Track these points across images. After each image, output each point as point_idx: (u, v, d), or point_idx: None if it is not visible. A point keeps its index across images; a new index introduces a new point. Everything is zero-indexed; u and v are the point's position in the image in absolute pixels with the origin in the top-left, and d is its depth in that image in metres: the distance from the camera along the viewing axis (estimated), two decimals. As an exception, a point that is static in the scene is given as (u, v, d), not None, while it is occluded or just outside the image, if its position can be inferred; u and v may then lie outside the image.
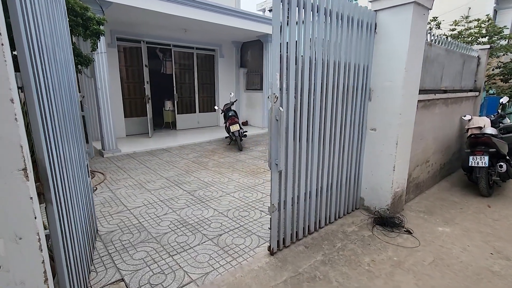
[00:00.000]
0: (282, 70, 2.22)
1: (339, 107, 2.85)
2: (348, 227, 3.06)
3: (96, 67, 5.50)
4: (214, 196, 3.87)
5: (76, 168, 2.12)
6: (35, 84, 1.28)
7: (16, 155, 0.92)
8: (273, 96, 2.19)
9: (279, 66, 2.19)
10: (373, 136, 3.22)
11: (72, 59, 2.49)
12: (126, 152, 6.15)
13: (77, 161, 2.19)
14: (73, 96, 2.37)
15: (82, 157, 2.49)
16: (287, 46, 2.24)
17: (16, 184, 0.94)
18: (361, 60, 2.96)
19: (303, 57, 2.38)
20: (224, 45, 9.50)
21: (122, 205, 3.55)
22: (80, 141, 2.47)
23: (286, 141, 2.37)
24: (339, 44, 2.67)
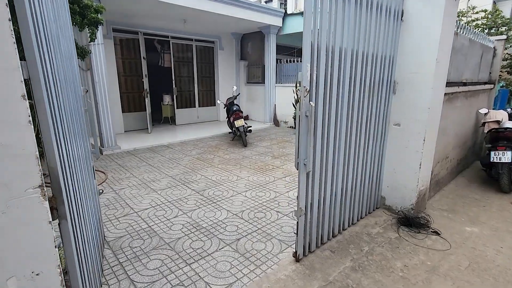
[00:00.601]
0: (313, 60, 2.00)
1: (365, 101, 2.65)
2: (372, 228, 2.89)
3: (93, 59, 5.18)
4: (225, 195, 3.66)
5: (84, 172, 1.89)
6: (43, 75, 1.04)
7: (30, 168, 0.70)
8: (304, 90, 1.97)
9: (309, 57, 1.97)
10: (397, 132, 3.04)
11: (74, 49, 2.23)
12: (126, 149, 5.87)
13: (84, 164, 1.96)
14: (77, 90, 2.12)
15: (88, 158, 2.25)
16: (318, 34, 2.01)
17: (31, 206, 0.73)
18: (387, 51, 2.75)
19: (333, 47, 2.16)
20: (224, 37, 9.19)
21: (128, 207, 3.32)
22: (85, 141, 2.23)
23: (315, 139, 2.17)
24: (368, 33, 2.46)
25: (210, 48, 9.20)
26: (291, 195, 3.67)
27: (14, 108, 0.68)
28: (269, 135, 7.52)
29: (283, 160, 5.21)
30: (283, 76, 8.69)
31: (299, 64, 8.08)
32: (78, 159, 1.71)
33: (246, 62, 9.64)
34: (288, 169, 4.71)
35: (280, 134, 7.62)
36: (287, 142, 6.72)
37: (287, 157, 5.41)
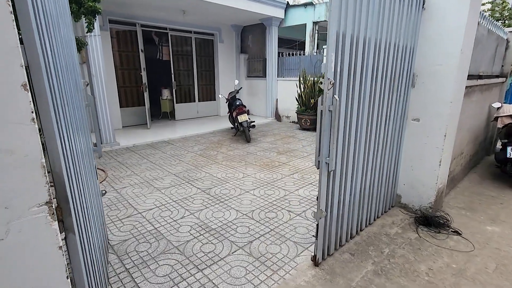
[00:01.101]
0: (337, 50, 1.83)
1: (386, 95, 2.50)
2: (390, 228, 2.76)
3: (90, 51, 4.94)
4: (232, 194, 3.50)
5: (87, 174, 1.71)
6: (44, 61, 0.86)
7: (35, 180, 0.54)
8: (328, 82, 1.80)
9: (335, 46, 1.80)
10: (415, 127, 2.89)
11: (73, 38, 2.03)
12: (125, 145, 5.67)
13: (87, 165, 1.78)
14: (78, 82, 1.93)
15: (90, 157, 2.07)
16: (344, 23, 1.83)
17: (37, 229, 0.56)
18: (407, 41, 2.59)
19: (357, 36, 1.99)
20: (224, 29, 8.93)
21: (131, 208, 3.14)
22: (87, 139, 2.04)
23: (337, 135, 2.01)
24: (390, 22, 2.29)
25: (209, 40, 8.94)
26: (301, 193, 3.53)
27: (12, 102, 0.51)
28: (272, 130, 7.35)
29: (289, 156, 5.06)
30: (285, 70, 8.49)
31: (302, 58, 7.89)
32: (82, 159, 1.54)
33: (247, 55, 9.41)
34: (295, 166, 4.56)
35: (283, 129, 7.46)
36: (291, 137, 6.56)
37: (292, 153, 5.26)
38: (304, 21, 8.02)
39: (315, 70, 7.48)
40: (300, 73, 7.54)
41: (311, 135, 6.80)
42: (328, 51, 1.77)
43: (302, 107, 7.25)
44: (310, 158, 4.98)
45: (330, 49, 1.77)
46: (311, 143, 6.03)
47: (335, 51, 1.81)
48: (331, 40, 1.76)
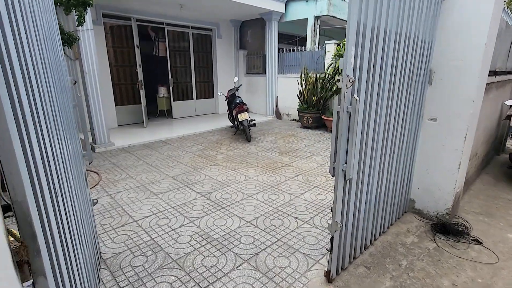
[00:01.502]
0: (357, 44, 1.61)
1: (403, 93, 2.29)
2: (405, 237, 2.57)
3: (82, 47, 4.68)
4: (234, 199, 3.29)
5: (74, 183, 1.49)
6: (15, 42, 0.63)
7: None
8: (347, 80, 1.59)
9: (355, 39, 1.58)
10: (432, 128, 2.69)
11: (57, 30, 1.79)
12: (121, 145, 5.43)
13: (74, 172, 1.56)
14: (64, 80, 1.70)
15: (79, 164, 1.85)
16: (366, 12, 1.61)
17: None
18: (426, 33, 2.37)
19: (378, 28, 1.77)
20: (222, 24, 8.66)
21: (126, 215, 2.92)
22: (75, 143, 1.82)
23: (356, 139, 1.80)
24: (411, 13, 2.07)
25: (207, 36, 8.67)
26: (307, 198, 3.33)
27: None
28: (272, 129, 7.13)
29: (291, 157, 4.85)
30: (285, 66, 8.26)
31: (303, 53, 7.66)
32: (68, 167, 1.31)
33: (246, 51, 9.15)
34: (298, 167, 4.35)
35: (284, 128, 7.25)
36: (293, 136, 6.35)
37: (295, 153, 5.05)
38: (305, 16, 7.77)
39: (317, 66, 7.26)
40: (301, 69, 7.31)
41: (313, 133, 6.59)
42: (348, 45, 1.55)
43: (303, 104, 7.04)
44: (314, 158, 4.77)
45: (349, 42, 1.55)
46: (313, 142, 5.82)
47: (355, 45, 1.59)
48: (351, 32, 1.54)
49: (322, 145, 5.59)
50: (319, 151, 5.22)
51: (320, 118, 6.90)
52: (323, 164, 4.47)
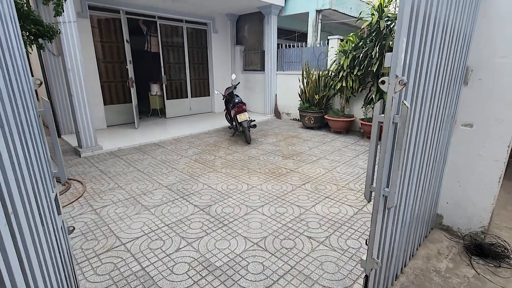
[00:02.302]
0: (409, 36, 1.24)
1: (443, 96, 1.93)
2: (437, 261, 2.22)
3: (64, 41, 4.21)
4: (237, 214, 2.91)
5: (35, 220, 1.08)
6: None
7: None
8: (397, 82, 1.21)
9: (407, 29, 1.20)
10: (466, 134, 2.34)
11: (11, 10, 1.37)
12: (109, 149, 4.99)
13: (36, 207, 1.15)
14: (20, 83, 1.28)
15: (47, 189, 1.44)
16: None
17: None
18: (465, 25, 2.01)
19: (429, 16, 1.39)
20: (218, 18, 8.20)
21: (112, 236, 2.52)
22: (39, 163, 1.40)
23: (404, 158, 1.43)
24: (457, 4, 1.70)
25: (202, 31, 8.21)
26: (319, 211, 2.96)
27: None
28: (273, 129, 6.75)
29: (296, 161, 4.48)
30: (285, 63, 7.86)
31: (304, 49, 7.27)
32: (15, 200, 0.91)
33: (243, 47, 8.72)
34: (305, 173, 3.99)
35: (284, 128, 6.87)
36: (295, 137, 5.98)
37: (299, 157, 4.68)
38: (306, 10, 7.36)
39: (319, 63, 6.88)
40: (303, 66, 6.92)
41: (316, 134, 6.23)
42: (399, 36, 1.17)
43: (305, 103, 6.66)
44: (320, 163, 4.41)
45: (401, 32, 1.17)
46: (317, 144, 5.47)
47: (407, 36, 1.21)
48: (404, 20, 1.16)
49: (327, 148, 5.23)
50: (324, 154, 4.86)
51: (322, 118, 6.54)
52: (331, 170, 4.12)
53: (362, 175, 3.91)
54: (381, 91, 5.45)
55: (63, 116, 5.84)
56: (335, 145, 5.43)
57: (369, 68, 5.37)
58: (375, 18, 5.07)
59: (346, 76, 5.82)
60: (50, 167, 1.59)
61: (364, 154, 4.83)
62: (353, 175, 3.94)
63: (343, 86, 5.89)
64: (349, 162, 4.46)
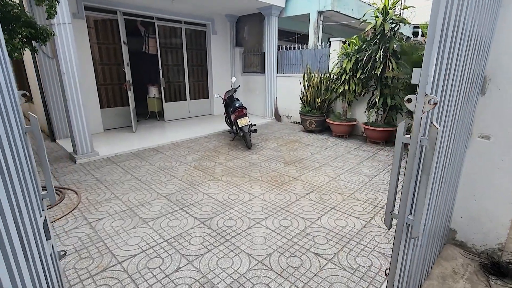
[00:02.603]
0: (440, 49, 1.10)
1: (461, 107, 1.80)
2: (453, 281, 2.10)
3: (59, 43, 4.05)
4: (239, 227, 2.77)
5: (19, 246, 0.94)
6: None
7: None
8: (426, 101, 1.08)
9: (438, 40, 1.07)
10: (483, 147, 2.21)
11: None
12: (106, 154, 4.83)
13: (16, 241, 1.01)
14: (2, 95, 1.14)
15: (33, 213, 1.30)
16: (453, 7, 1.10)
17: None
18: (485, 33, 1.88)
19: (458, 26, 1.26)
20: (217, 20, 8.06)
21: (108, 254, 2.37)
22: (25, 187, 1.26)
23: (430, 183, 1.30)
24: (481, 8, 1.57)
25: (201, 32, 8.06)
26: (325, 224, 2.83)
27: None
28: (273, 133, 6.62)
29: (298, 168, 4.35)
30: (285, 65, 7.73)
31: (305, 51, 7.14)
32: None
33: (242, 48, 8.58)
34: (308, 181, 3.86)
35: (285, 132, 6.74)
36: (296, 142, 5.85)
37: (302, 164, 4.55)
38: (307, 11, 7.24)
39: (320, 65, 6.75)
40: (304, 69, 6.79)
41: (318, 138, 6.11)
42: (430, 50, 1.04)
43: (306, 107, 6.54)
44: (324, 170, 4.28)
45: (433, 45, 1.04)
46: (319, 149, 5.34)
47: (438, 50, 1.08)
48: (436, 31, 1.03)
49: (329, 153, 5.11)
50: (327, 160, 4.73)
51: (324, 122, 6.41)
52: (335, 178, 3.99)
53: (368, 184, 3.79)
54: (385, 95, 5.33)
55: (58, 120, 5.67)
56: (338, 150, 5.31)
57: (373, 71, 5.25)
58: (379, 20, 4.95)
59: (349, 80, 5.70)
60: (38, 190, 1.45)
61: (368, 160, 4.71)
62: (358, 183, 3.82)
63: (345, 89, 5.76)
64: (353, 169, 4.34)
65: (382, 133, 5.48)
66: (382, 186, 3.73)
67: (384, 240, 2.58)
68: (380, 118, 5.63)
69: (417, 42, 4.94)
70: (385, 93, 5.30)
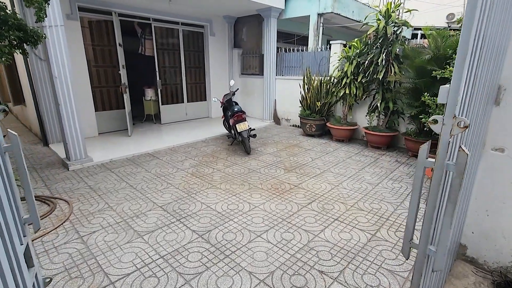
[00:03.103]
0: (472, 63, 0.98)
1: (476, 119, 1.68)
2: (466, 303, 1.98)
3: (50, 46, 3.89)
4: (239, 241, 2.64)
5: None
6: None
7: None
8: (455, 123, 0.96)
9: (470, 57, 0.95)
10: (497, 160, 2.11)
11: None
12: (100, 160, 4.68)
13: None
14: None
15: (11, 244, 1.16)
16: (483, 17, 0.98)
17: None
18: (503, 40, 1.77)
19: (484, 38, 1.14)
20: (215, 21, 7.92)
21: (100, 272, 2.23)
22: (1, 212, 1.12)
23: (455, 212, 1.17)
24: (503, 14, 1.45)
25: (199, 33, 7.92)
26: (329, 237, 2.71)
27: None
28: (272, 137, 6.49)
29: (299, 175, 4.23)
30: (285, 68, 7.61)
31: (304, 54, 7.03)
32: None
33: (241, 50, 8.45)
34: (310, 189, 3.74)
35: (284, 136, 6.62)
36: (296, 146, 5.73)
37: (302, 170, 4.43)
38: (307, 13, 7.12)
39: (320, 68, 6.64)
40: (304, 72, 6.67)
41: (318, 143, 5.99)
42: (460, 68, 0.92)
43: (306, 110, 6.42)
44: (325, 177, 4.17)
45: (465, 63, 0.91)
46: (320, 154, 5.22)
47: (468, 66, 0.96)
48: (466, 48, 0.91)
49: (330, 158, 4.99)
50: (328, 166, 4.62)
51: (324, 126, 6.31)
52: (337, 186, 3.88)
53: (371, 192, 3.68)
54: (386, 99, 5.23)
55: (51, 124, 5.50)
56: (339, 155, 5.19)
57: (375, 75, 5.15)
58: (382, 23, 4.84)
59: (350, 83, 5.59)
60: (18, 215, 1.30)
61: (370, 167, 4.60)
62: (361, 191, 3.70)
63: (346, 93, 5.66)
64: (355, 176, 4.22)
65: (384, 138, 5.37)
66: (386, 194, 3.62)
67: (391, 255, 2.46)
68: (382, 122, 5.53)
69: (420, 46, 4.84)
70: (387, 97, 5.20)
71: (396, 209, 3.26)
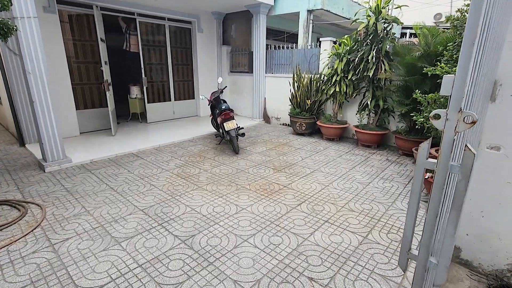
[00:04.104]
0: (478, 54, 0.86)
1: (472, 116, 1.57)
2: (462, 310, 1.89)
3: (23, 39, 3.64)
4: (224, 246, 2.49)
5: None
6: None
7: None
8: (460, 118, 0.83)
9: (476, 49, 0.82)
10: (492, 159, 2.01)
11: None
12: (80, 161, 4.43)
13: None
14: None
15: None
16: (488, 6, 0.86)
17: None
18: (501, 34, 1.67)
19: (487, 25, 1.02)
20: (203, 17, 7.71)
21: (70, 285, 2.04)
22: None
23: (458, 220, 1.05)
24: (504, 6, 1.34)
25: (186, 29, 7.69)
26: (318, 241, 2.59)
27: None
28: (261, 136, 6.35)
29: (288, 175, 4.10)
30: (274, 65, 7.46)
31: (294, 51, 6.90)
32: None
33: (230, 47, 8.27)
34: (299, 190, 3.61)
35: (274, 135, 6.48)
36: (286, 145, 5.60)
37: (292, 170, 4.30)
38: (297, 9, 7.00)
39: (310, 66, 6.53)
40: (294, 70, 6.55)
41: (308, 142, 5.88)
42: (465, 59, 0.79)
43: (296, 109, 6.30)
44: (315, 177, 4.05)
45: (472, 51, 0.78)
46: (310, 153, 5.11)
47: (475, 56, 0.83)
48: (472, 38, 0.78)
49: (320, 157, 4.88)
50: (318, 165, 4.51)
51: (314, 124, 6.20)
52: (327, 186, 3.76)
53: (362, 192, 3.58)
54: (377, 97, 5.16)
55: (28, 123, 5.21)
56: (329, 154, 5.09)
57: (365, 72, 5.06)
58: (372, 20, 4.75)
59: (340, 81, 5.49)
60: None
61: (361, 166, 4.51)
62: (351, 191, 3.60)
63: (336, 91, 5.56)
64: (345, 175, 4.12)
65: (374, 137, 5.30)
66: (377, 194, 3.52)
67: (384, 259, 2.35)
68: (372, 121, 5.46)
69: (410, 43, 4.77)
70: (377, 95, 5.12)
71: (387, 209, 3.16)
